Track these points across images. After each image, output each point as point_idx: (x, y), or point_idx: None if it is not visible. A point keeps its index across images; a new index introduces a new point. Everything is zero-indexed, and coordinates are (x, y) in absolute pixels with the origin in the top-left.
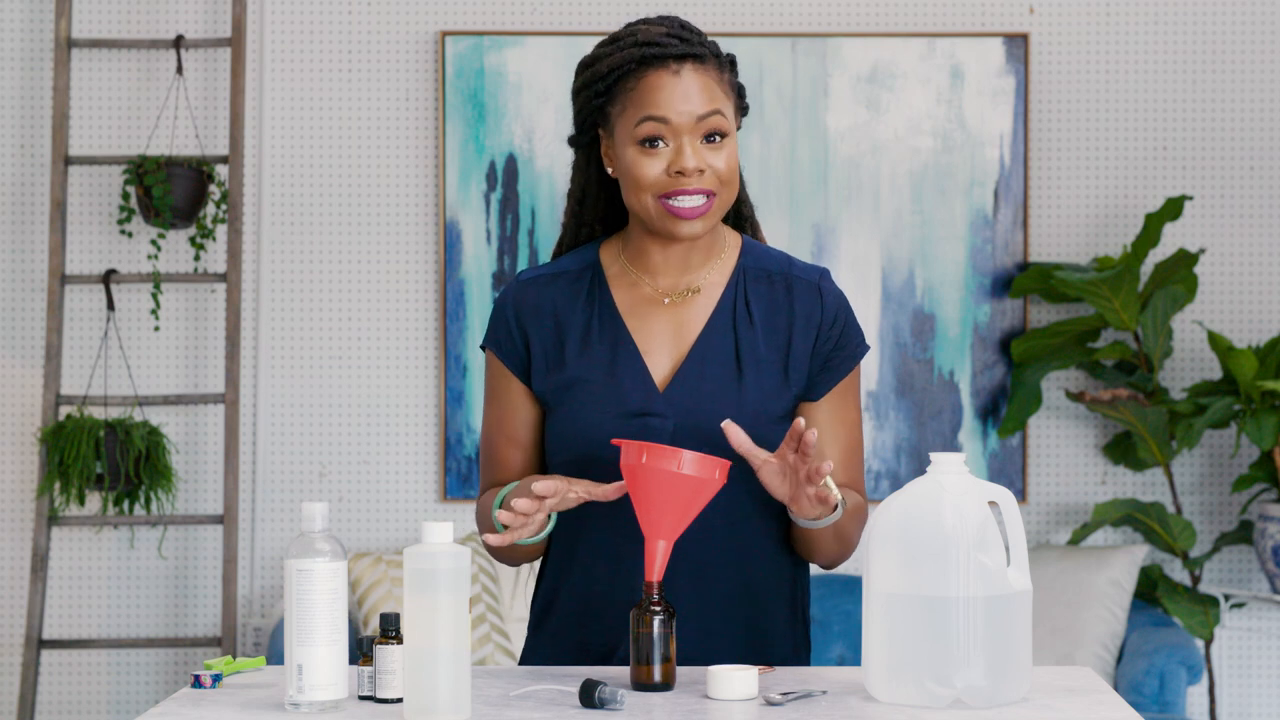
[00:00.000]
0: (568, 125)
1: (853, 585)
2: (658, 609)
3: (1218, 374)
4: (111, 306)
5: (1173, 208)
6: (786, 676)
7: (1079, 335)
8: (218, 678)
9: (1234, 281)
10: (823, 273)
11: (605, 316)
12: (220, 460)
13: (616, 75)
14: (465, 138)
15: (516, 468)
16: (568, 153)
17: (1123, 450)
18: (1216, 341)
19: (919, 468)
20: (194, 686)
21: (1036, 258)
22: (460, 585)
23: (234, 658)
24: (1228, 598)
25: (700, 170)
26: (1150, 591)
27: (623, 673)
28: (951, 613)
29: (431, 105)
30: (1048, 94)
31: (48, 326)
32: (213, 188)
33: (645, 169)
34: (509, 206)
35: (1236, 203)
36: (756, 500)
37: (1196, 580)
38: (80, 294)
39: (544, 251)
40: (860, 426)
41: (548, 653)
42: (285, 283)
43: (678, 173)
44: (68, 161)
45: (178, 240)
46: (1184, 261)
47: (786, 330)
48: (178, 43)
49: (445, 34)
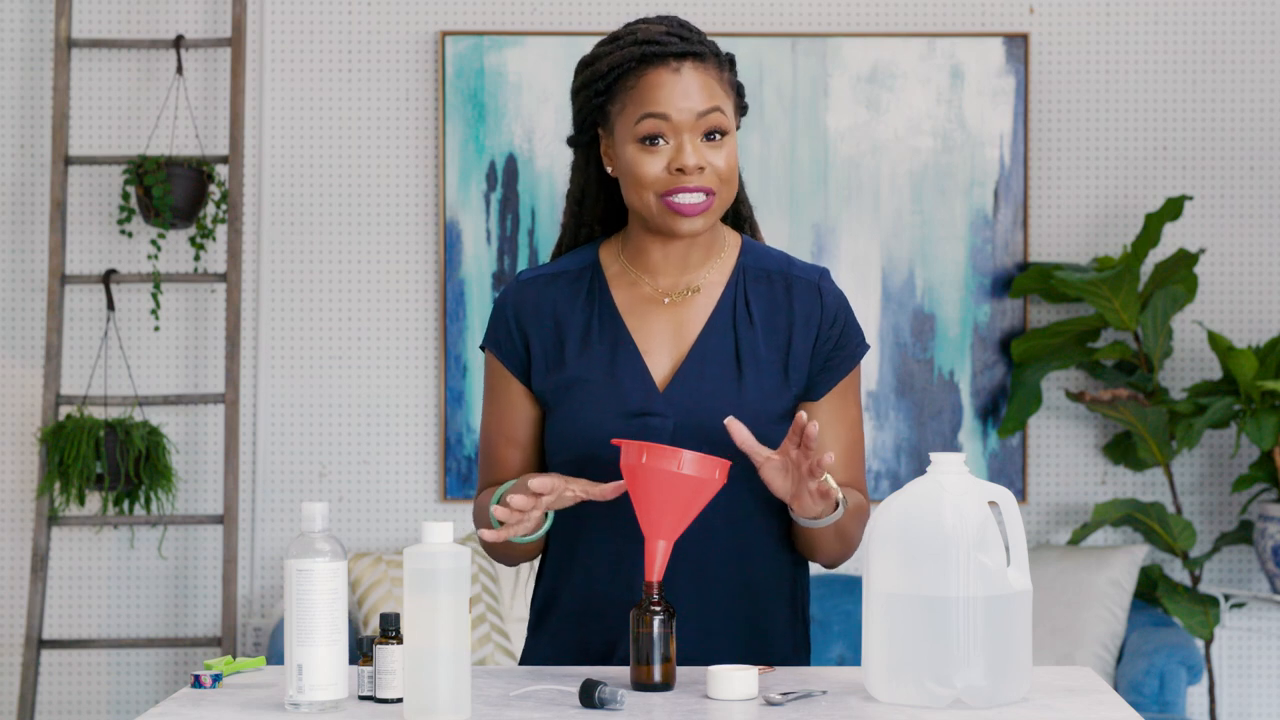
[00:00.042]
0: (568, 125)
1: (853, 585)
2: (658, 609)
3: (1218, 374)
4: (111, 306)
5: (1173, 208)
6: (786, 676)
7: (1079, 335)
8: (218, 678)
9: (1234, 281)
10: (822, 272)
11: (605, 316)
12: (220, 460)
13: (617, 74)
14: (465, 138)
15: (515, 468)
16: (568, 153)
17: (1123, 450)
18: (1216, 341)
19: (919, 468)
20: (194, 686)
21: (1036, 258)
22: (460, 585)
23: (234, 658)
24: (1228, 598)
25: (700, 168)
26: (1150, 591)
27: (623, 673)
28: (951, 613)
29: (431, 105)
30: (1048, 94)
31: (48, 326)
32: (213, 188)
33: (646, 167)
34: (509, 206)
35: (1236, 203)
36: (757, 499)
37: (1196, 580)
38: (80, 294)
39: (544, 251)
40: (861, 426)
41: (548, 653)
42: (285, 283)
43: (678, 170)
44: (68, 161)
45: (178, 240)
46: (1184, 261)
47: (786, 330)
48: (178, 43)
49: (445, 34)
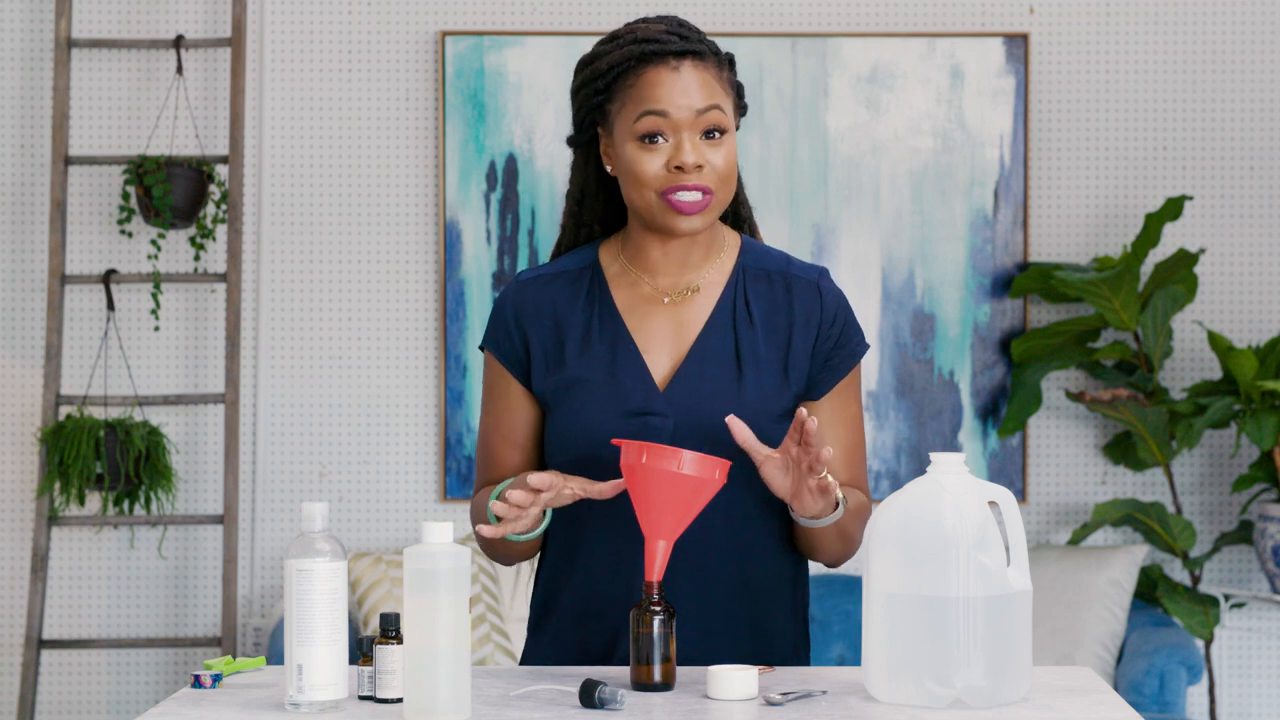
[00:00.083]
0: (567, 125)
1: (853, 585)
2: (658, 609)
3: (1218, 374)
4: (111, 306)
5: (1173, 208)
6: (786, 676)
7: (1079, 335)
8: (218, 678)
9: (1234, 281)
10: (822, 272)
11: (605, 316)
12: (220, 460)
13: (616, 72)
14: (465, 138)
15: (513, 468)
16: (568, 153)
17: (1123, 450)
18: (1216, 341)
19: (919, 468)
20: (194, 686)
21: (1036, 258)
22: (460, 585)
23: (234, 658)
24: (1228, 598)
25: (699, 166)
26: (1150, 591)
27: (623, 673)
28: (951, 613)
29: (431, 105)
30: (1048, 94)
31: (48, 326)
32: (213, 188)
33: (645, 165)
34: (509, 206)
35: (1236, 203)
36: (757, 499)
37: (1196, 580)
38: (80, 294)
39: (544, 251)
40: (861, 425)
41: (548, 653)
42: (285, 283)
43: (676, 168)
44: (68, 161)
45: (178, 240)
46: (1184, 261)
47: (786, 329)
48: (178, 43)
49: (445, 34)
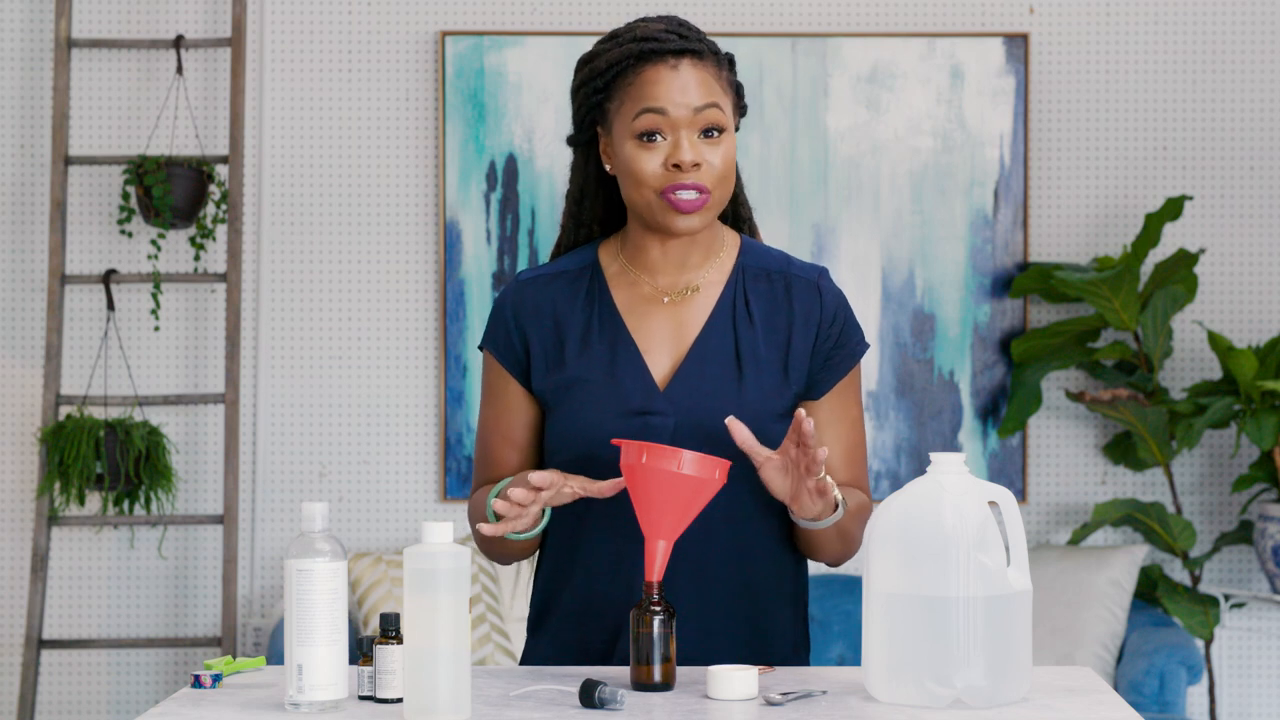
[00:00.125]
0: (567, 125)
1: (853, 585)
2: (658, 609)
3: (1218, 374)
4: (111, 306)
5: (1173, 208)
6: (786, 676)
7: (1079, 335)
8: (218, 678)
9: (1234, 281)
10: (821, 271)
11: (605, 316)
12: (220, 460)
13: (615, 71)
14: (465, 138)
15: (512, 468)
16: (568, 153)
17: (1123, 450)
18: (1216, 341)
19: (919, 468)
20: (194, 686)
21: (1036, 258)
22: (460, 585)
23: (234, 658)
24: (1228, 598)
25: (696, 164)
26: (1150, 591)
27: (623, 673)
28: (951, 613)
29: (431, 105)
30: (1048, 94)
31: (48, 326)
32: (213, 188)
33: (643, 163)
34: (509, 206)
35: (1236, 203)
36: (757, 499)
37: (1196, 580)
38: (80, 294)
39: (544, 251)
40: (862, 424)
41: (548, 653)
42: (285, 283)
43: (674, 166)
44: (68, 161)
45: (178, 240)
46: (1184, 261)
47: (786, 329)
48: (178, 43)
49: (445, 34)
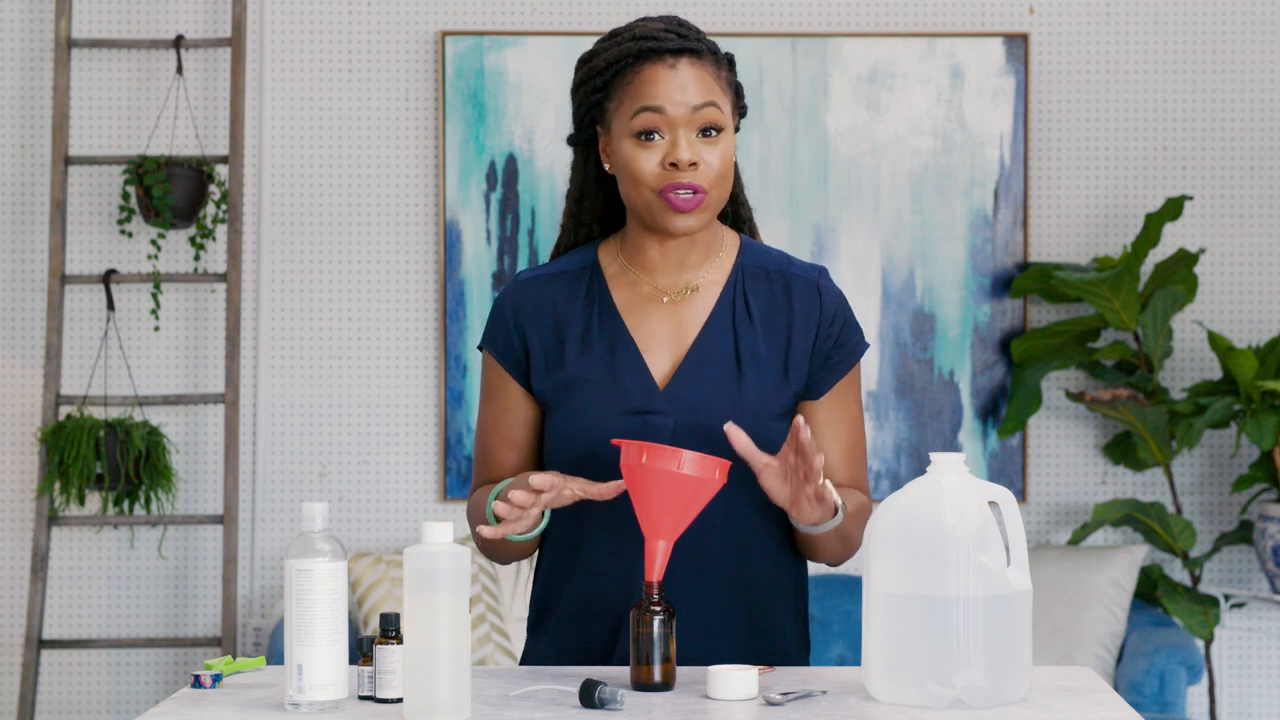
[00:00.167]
0: (567, 125)
1: (853, 585)
2: (658, 609)
3: (1218, 374)
4: (111, 306)
5: (1173, 208)
6: (786, 676)
7: (1079, 335)
8: (218, 678)
9: (1234, 281)
10: (821, 271)
11: (604, 316)
12: (220, 460)
13: (614, 70)
14: (465, 138)
15: (511, 468)
16: (568, 153)
17: (1123, 450)
18: (1216, 341)
19: (919, 468)
20: (194, 686)
21: (1036, 258)
22: (460, 585)
23: (234, 658)
24: (1228, 598)
25: (693, 163)
26: (1150, 591)
27: (623, 673)
28: (951, 613)
29: (431, 105)
30: (1048, 94)
31: (48, 326)
32: (213, 188)
33: (641, 162)
34: (509, 206)
35: (1236, 203)
36: (757, 500)
37: (1196, 580)
38: (80, 294)
39: (544, 251)
40: (862, 424)
41: (548, 653)
42: (285, 283)
43: (671, 165)
44: (68, 161)
45: (178, 240)
46: (1184, 261)
47: (786, 328)
48: (178, 43)
49: (445, 34)
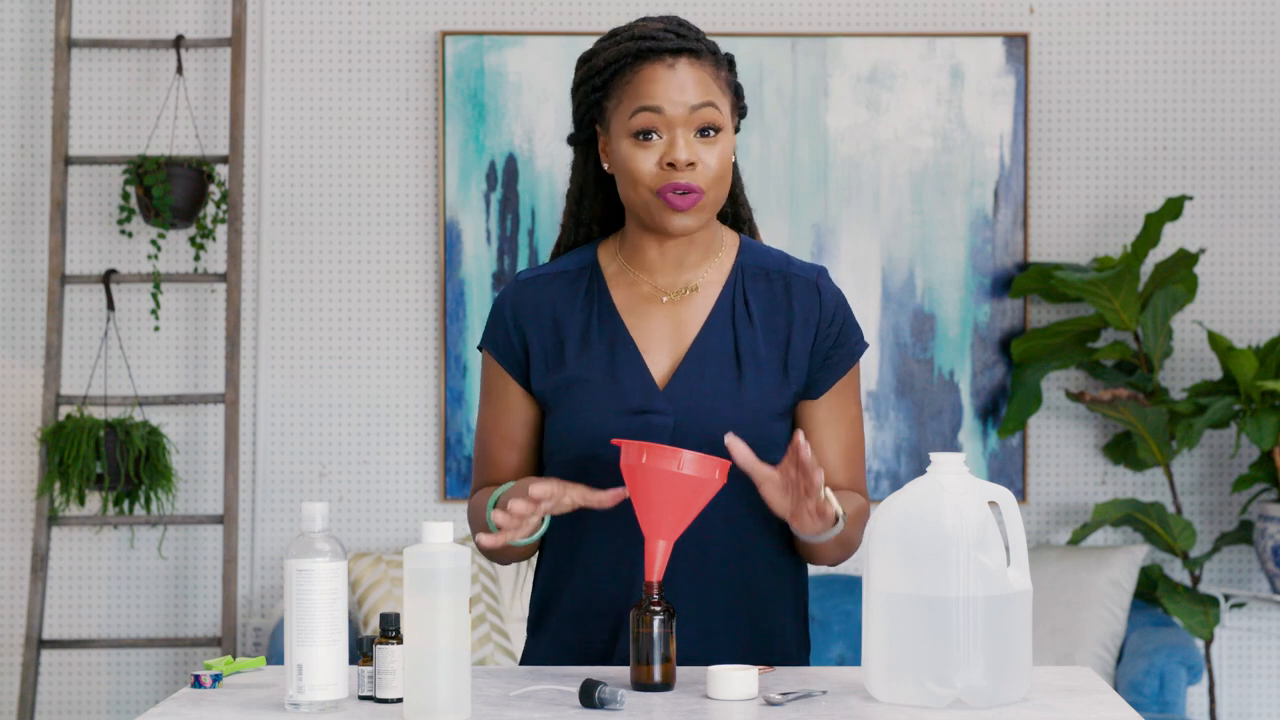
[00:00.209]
0: (567, 125)
1: (853, 585)
2: (658, 609)
3: (1218, 374)
4: (111, 306)
5: (1173, 208)
6: (786, 676)
7: (1079, 335)
8: (218, 678)
9: (1234, 281)
10: (820, 271)
11: (604, 315)
12: (220, 460)
13: (613, 69)
14: (465, 138)
15: (511, 468)
16: (568, 153)
17: (1123, 450)
18: (1216, 341)
19: (919, 468)
20: (194, 686)
21: (1036, 258)
22: (460, 585)
23: (234, 658)
24: (1228, 598)
25: (691, 163)
26: (1150, 591)
27: (623, 673)
28: (951, 613)
29: (431, 105)
30: (1048, 94)
31: (48, 326)
32: (213, 188)
33: (639, 162)
34: (509, 206)
35: (1236, 203)
36: (757, 500)
37: (1196, 580)
38: (80, 294)
39: (544, 251)
40: (861, 424)
41: (548, 653)
42: (285, 283)
43: (669, 165)
44: (68, 161)
45: (178, 240)
46: (1184, 261)
47: (785, 328)
48: (178, 43)
49: (445, 34)
